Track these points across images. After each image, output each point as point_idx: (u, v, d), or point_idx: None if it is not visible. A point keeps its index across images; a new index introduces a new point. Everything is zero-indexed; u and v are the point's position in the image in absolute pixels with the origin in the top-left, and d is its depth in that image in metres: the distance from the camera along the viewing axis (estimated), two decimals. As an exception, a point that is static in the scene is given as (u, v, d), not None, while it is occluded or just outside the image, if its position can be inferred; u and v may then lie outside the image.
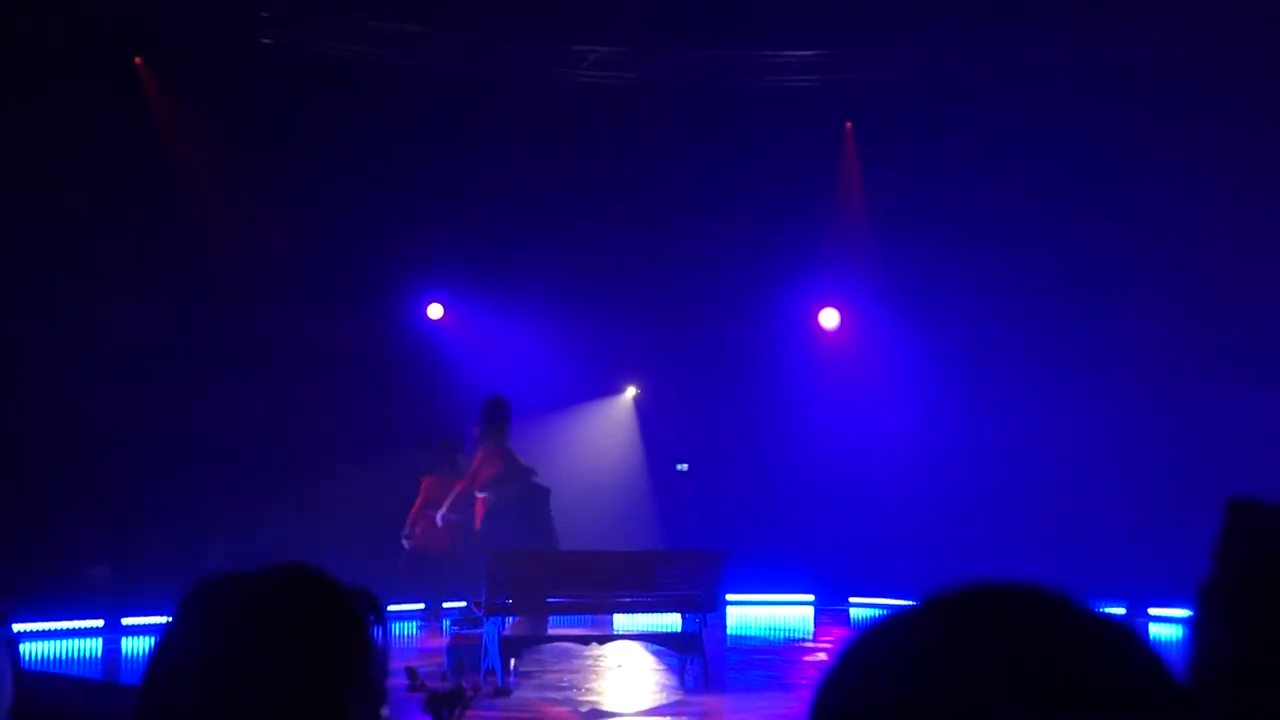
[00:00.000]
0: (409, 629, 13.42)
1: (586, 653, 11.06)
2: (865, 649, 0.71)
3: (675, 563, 10.58)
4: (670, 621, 10.55)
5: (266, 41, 13.98)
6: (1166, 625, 11.87)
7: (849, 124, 15.68)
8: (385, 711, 1.25)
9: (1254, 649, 0.56)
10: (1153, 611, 12.16)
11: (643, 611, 10.92)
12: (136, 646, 11.74)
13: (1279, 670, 0.55)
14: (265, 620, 1.21)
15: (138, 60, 13.84)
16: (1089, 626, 0.69)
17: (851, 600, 15.33)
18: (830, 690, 0.71)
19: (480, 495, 11.70)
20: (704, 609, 10.01)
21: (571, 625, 11.31)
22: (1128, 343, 14.13)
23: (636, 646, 11.32)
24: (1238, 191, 13.44)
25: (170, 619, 1.25)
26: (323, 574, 1.27)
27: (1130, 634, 0.69)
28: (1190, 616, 0.61)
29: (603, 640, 11.10)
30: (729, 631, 13.60)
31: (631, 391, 16.69)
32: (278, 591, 1.23)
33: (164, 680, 1.22)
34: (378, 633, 1.25)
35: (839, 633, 13.58)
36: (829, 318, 16.13)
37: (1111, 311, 14.24)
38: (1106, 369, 14.26)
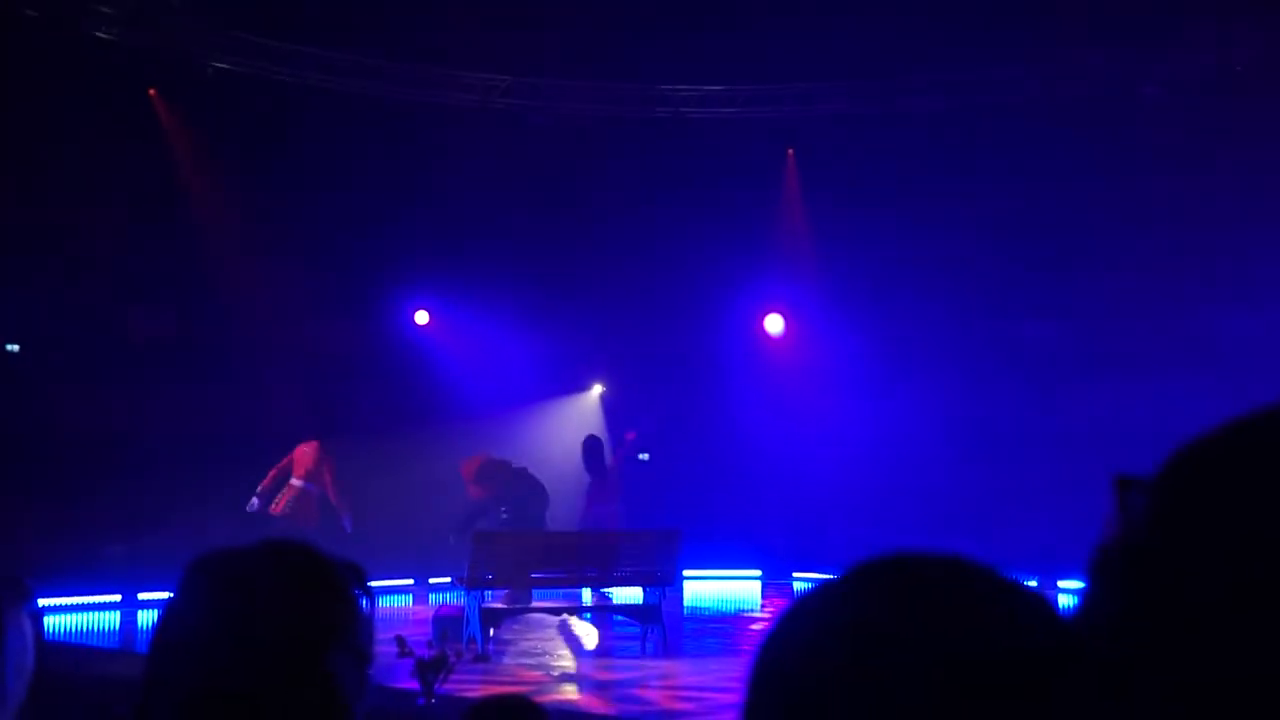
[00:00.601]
0: (399, 601, 13.37)
1: (558, 623, 11.05)
2: (795, 616, 0.70)
3: (637, 542, 10.59)
4: (633, 595, 10.55)
5: (276, 76, 13.95)
6: (1071, 596, 11.98)
7: (790, 150, 15.78)
8: (370, 672, 1.24)
9: (1127, 611, 0.56)
10: (1061, 584, 12.26)
11: (608, 585, 10.92)
12: (151, 619, 11.64)
13: (1147, 627, 0.55)
14: (256, 589, 1.20)
15: (152, 91, 13.82)
16: (1001, 591, 0.69)
17: (795, 575, 15.38)
18: (765, 654, 0.70)
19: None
20: (663, 583, 10.02)
21: (545, 599, 11.29)
22: (1040, 343, 14.30)
23: (603, 618, 11.31)
24: (1137, 218, 13.66)
25: (172, 594, 1.24)
26: (309, 546, 1.25)
27: (1037, 598, 0.69)
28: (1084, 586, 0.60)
29: (572, 611, 11.09)
30: (685, 604, 13.62)
31: (598, 389, 16.75)
32: (267, 563, 1.22)
33: (168, 649, 1.21)
34: (363, 602, 1.24)
35: (782, 604, 13.62)
36: (774, 322, 16.24)
37: (1025, 314, 14.44)
38: (1022, 366, 14.42)
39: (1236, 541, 0.53)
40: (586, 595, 11.95)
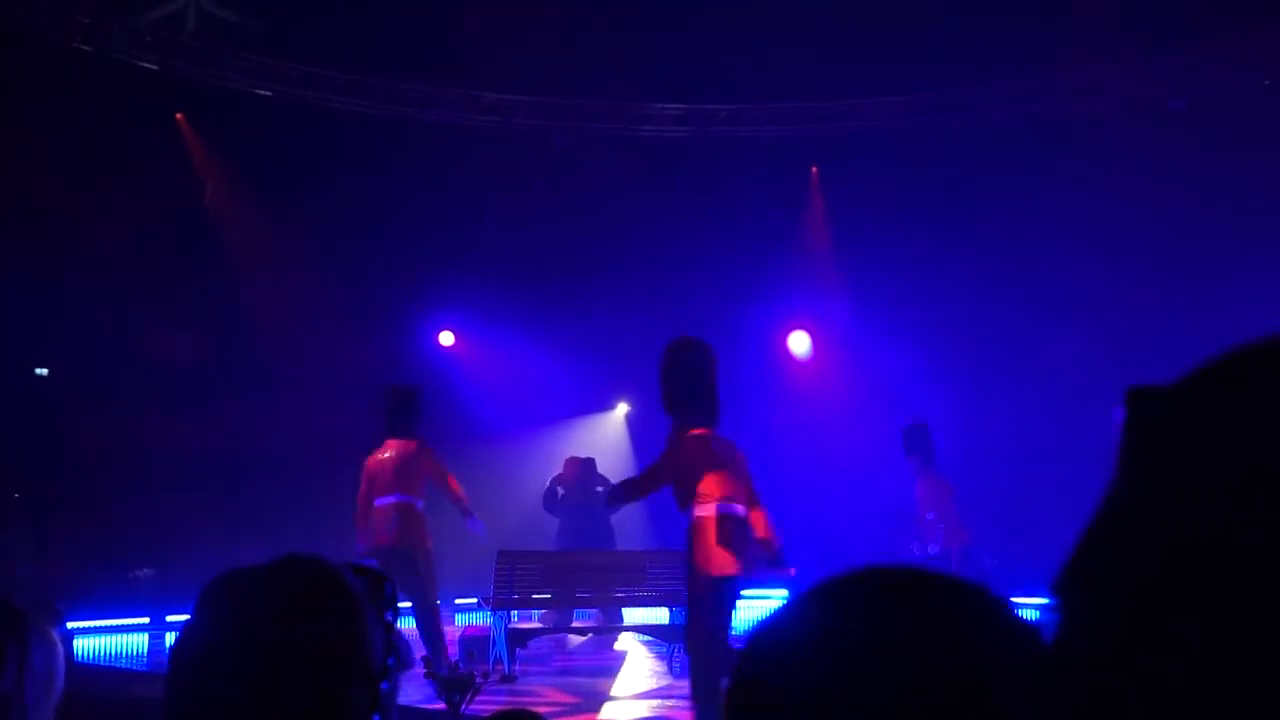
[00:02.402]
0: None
1: (585, 644, 11.03)
2: (775, 628, 0.71)
3: (664, 561, 10.56)
4: (658, 615, 10.52)
5: (302, 99, 14.09)
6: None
7: (815, 169, 15.78)
8: (385, 687, 1.23)
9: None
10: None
11: (635, 605, 10.88)
12: (179, 641, 11.66)
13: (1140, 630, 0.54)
14: (273, 607, 1.20)
15: (179, 116, 13.97)
16: (965, 600, 0.69)
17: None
18: (744, 663, 0.71)
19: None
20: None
21: (576, 619, 11.29)
22: (1070, 359, 14.21)
23: (630, 638, 11.27)
24: (1167, 232, 13.60)
25: (190, 613, 1.25)
26: (326, 561, 1.26)
27: (999, 605, 0.69)
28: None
29: (600, 631, 11.06)
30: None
31: (624, 408, 16.74)
32: (284, 581, 1.22)
33: (185, 669, 1.21)
34: (387, 615, 1.24)
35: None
36: (798, 341, 16.21)
37: (1055, 330, 14.36)
38: (1052, 382, 14.31)
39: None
40: (628, 615, 11.88)
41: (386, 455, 9.17)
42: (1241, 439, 0.53)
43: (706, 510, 7.01)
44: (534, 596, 10.23)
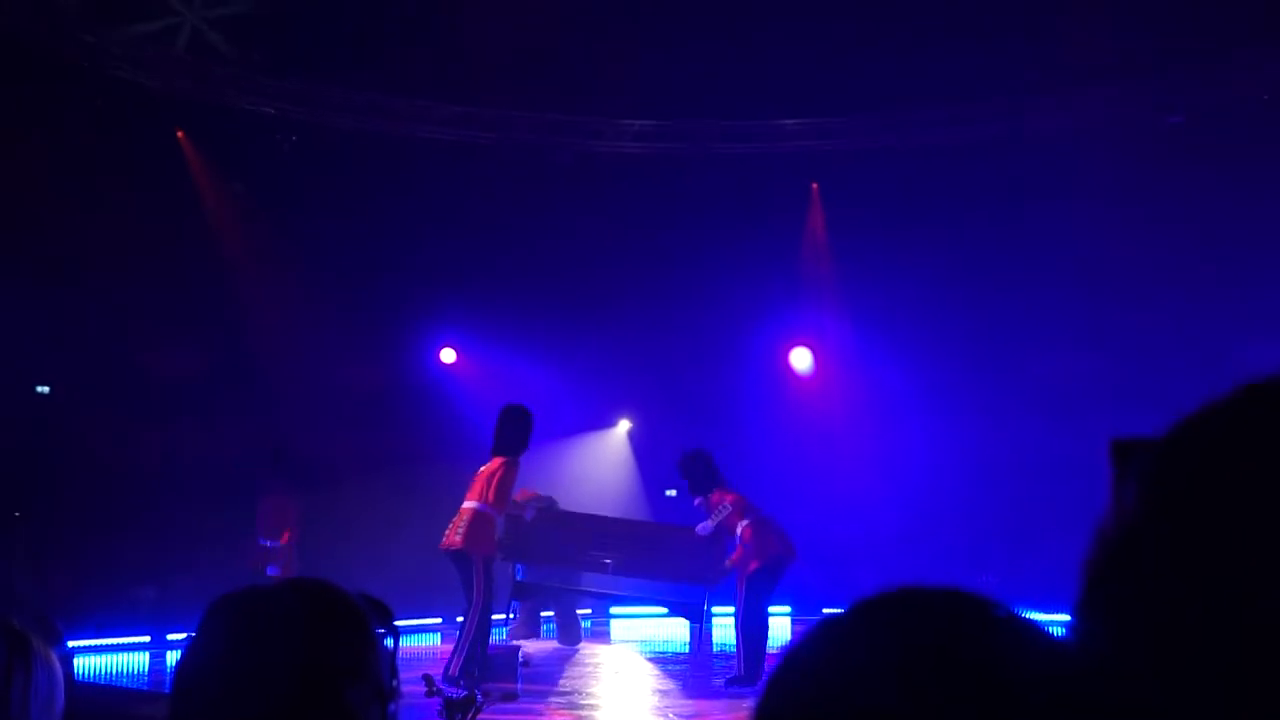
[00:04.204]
0: (428, 640, 13.34)
1: (588, 660, 11.02)
2: (800, 652, 0.71)
3: (685, 537, 10.60)
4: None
5: (301, 118, 14.13)
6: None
7: (815, 185, 15.81)
8: (393, 708, 1.24)
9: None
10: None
11: (654, 578, 10.97)
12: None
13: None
14: (275, 626, 1.21)
15: (179, 133, 13.99)
16: (1003, 623, 0.69)
17: (824, 610, 15.25)
18: (771, 691, 0.71)
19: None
20: (709, 582, 10.13)
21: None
22: (1072, 375, 14.20)
23: (635, 655, 11.25)
24: (1167, 248, 13.62)
25: (194, 632, 1.26)
26: (329, 584, 1.27)
27: (1042, 632, 0.69)
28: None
29: (619, 599, 11.15)
30: (715, 641, 13.53)
31: (626, 424, 16.74)
32: (287, 600, 1.23)
33: (189, 687, 1.22)
34: (387, 638, 1.25)
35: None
36: (799, 357, 16.22)
37: (1056, 346, 14.35)
38: (1054, 399, 14.29)
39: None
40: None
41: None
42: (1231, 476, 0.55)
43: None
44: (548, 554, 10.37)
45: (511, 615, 9.39)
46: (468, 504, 9.50)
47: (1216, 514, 0.55)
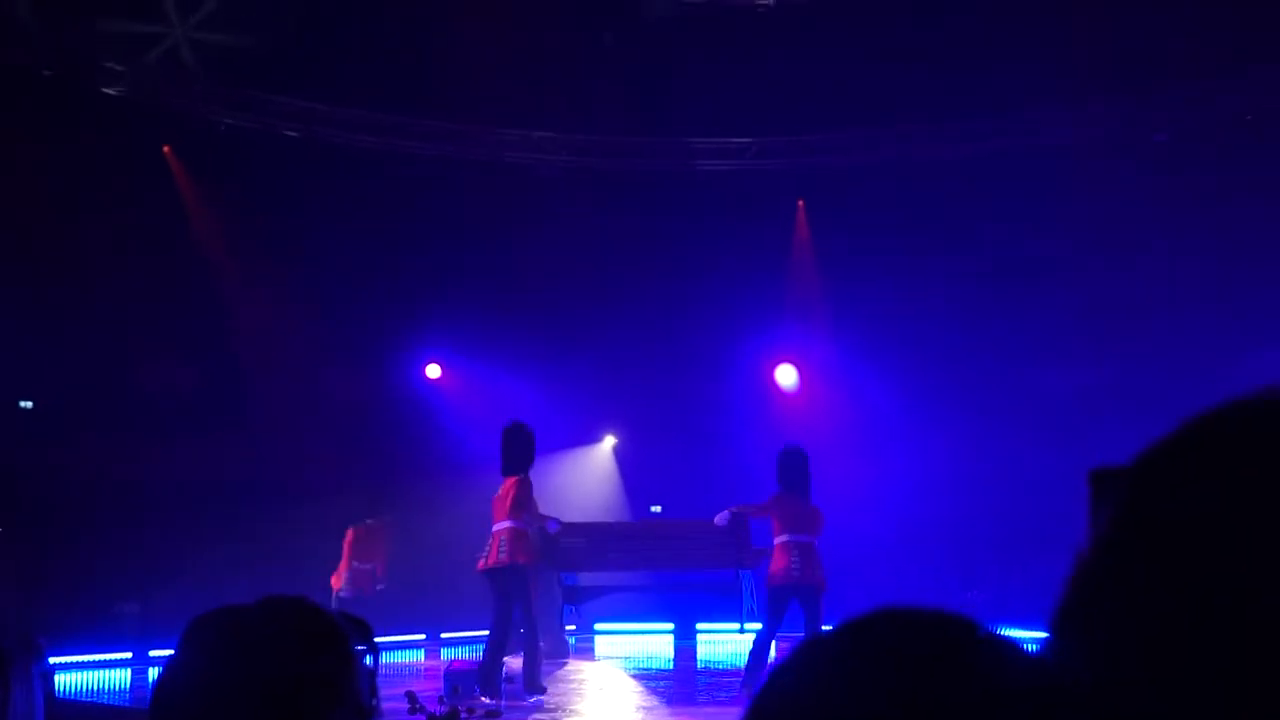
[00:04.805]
0: (411, 656, 13.30)
1: (573, 676, 10.99)
2: (786, 672, 0.71)
3: (707, 528, 11.12)
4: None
5: (290, 134, 14.14)
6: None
7: (801, 202, 15.85)
8: (373, 727, 1.24)
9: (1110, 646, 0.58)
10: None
11: (684, 567, 11.62)
12: (162, 677, 11.57)
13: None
14: (254, 644, 1.20)
15: (166, 149, 13.99)
16: (986, 644, 0.69)
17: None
18: (755, 712, 0.71)
19: None
20: (749, 566, 10.88)
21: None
22: (1061, 391, 14.24)
23: (619, 671, 11.23)
24: (1154, 265, 13.69)
25: (174, 651, 1.25)
26: (309, 601, 1.26)
27: (1024, 652, 0.69)
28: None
29: (657, 588, 11.60)
30: (700, 659, 13.52)
31: (611, 440, 16.74)
32: (266, 619, 1.23)
33: (169, 706, 1.21)
34: (366, 656, 1.24)
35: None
36: (785, 373, 16.23)
37: (1044, 362, 14.40)
38: (1043, 414, 14.32)
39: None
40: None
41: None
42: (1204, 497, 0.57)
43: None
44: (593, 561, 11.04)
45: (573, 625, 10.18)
46: (500, 524, 9.62)
47: (1191, 529, 0.57)
